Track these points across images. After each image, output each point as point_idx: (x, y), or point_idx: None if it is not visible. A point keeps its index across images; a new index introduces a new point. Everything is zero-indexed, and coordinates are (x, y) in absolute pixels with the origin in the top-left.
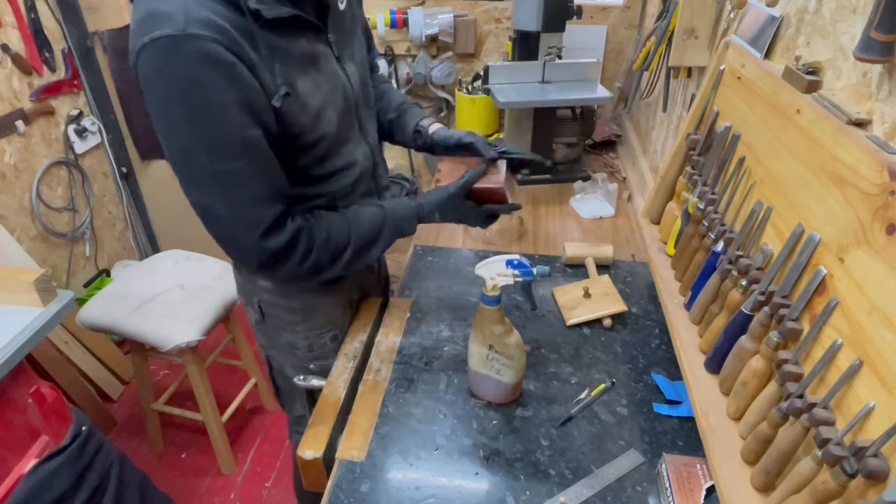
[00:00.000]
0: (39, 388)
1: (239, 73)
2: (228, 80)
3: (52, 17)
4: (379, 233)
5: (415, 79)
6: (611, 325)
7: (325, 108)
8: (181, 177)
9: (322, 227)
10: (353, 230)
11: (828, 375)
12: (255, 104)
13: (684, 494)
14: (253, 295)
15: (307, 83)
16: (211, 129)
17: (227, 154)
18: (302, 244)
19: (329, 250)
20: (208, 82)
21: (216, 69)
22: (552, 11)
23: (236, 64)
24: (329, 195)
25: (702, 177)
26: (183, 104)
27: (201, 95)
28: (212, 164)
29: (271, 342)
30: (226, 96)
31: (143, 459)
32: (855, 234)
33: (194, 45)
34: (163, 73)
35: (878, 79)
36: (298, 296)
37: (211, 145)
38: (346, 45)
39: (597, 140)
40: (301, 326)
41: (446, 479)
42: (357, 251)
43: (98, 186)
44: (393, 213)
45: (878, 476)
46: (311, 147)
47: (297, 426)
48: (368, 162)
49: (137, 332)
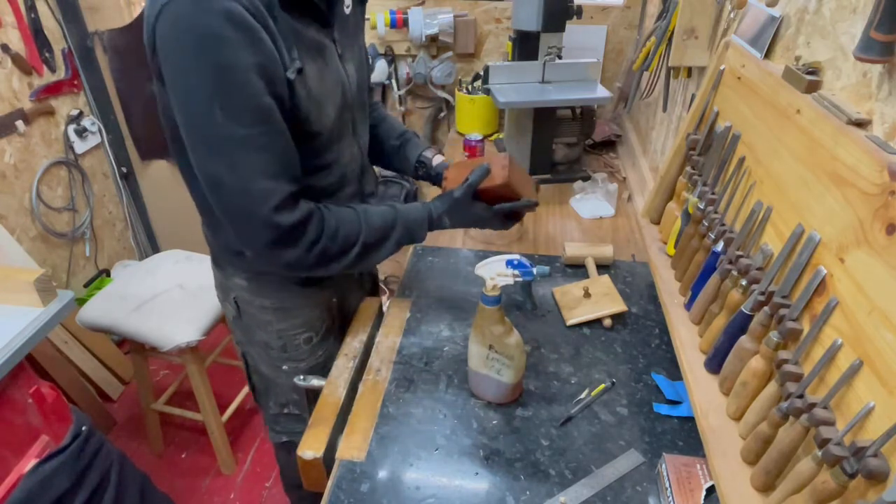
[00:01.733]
0: (39, 388)
1: (260, 38)
2: (249, 43)
3: (52, 17)
4: (390, 231)
5: (415, 79)
6: (611, 325)
7: (326, 102)
8: (195, 141)
9: (333, 217)
10: (364, 225)
11: (828, 375)
12: (273, 73)
13: (684, 494)
14: (229, 291)
15: (314, 71)
16: (229, 87)
17: (243, 117)
18: (313, 228)
19: (339, 241)
20: (231, 40)
21: (239, 29)
22: (552, 11)
23: (258, 29)
24: (317, 190)
25: (702, 177)
26: (204, 59)
27: (223, 52)
28: (226, 127)
29: (247, 338)
30: (246, 58)
31: (143, 459)
32: (855, 234)
33: (220, 3)
34: (186, 27)
35: (878, 79)
36: (273, 295)
37: (227, 105)
38: (349, 47)
39: (597, 140)
40: (275, 326)
41: (446, 479)
42: (366, 248)
43: (98, 186)
44: (405, 214)
45: (878, 476)
46: (310, 138)
47: (275, 424)
48: (356, 164)
49: (137, 332)
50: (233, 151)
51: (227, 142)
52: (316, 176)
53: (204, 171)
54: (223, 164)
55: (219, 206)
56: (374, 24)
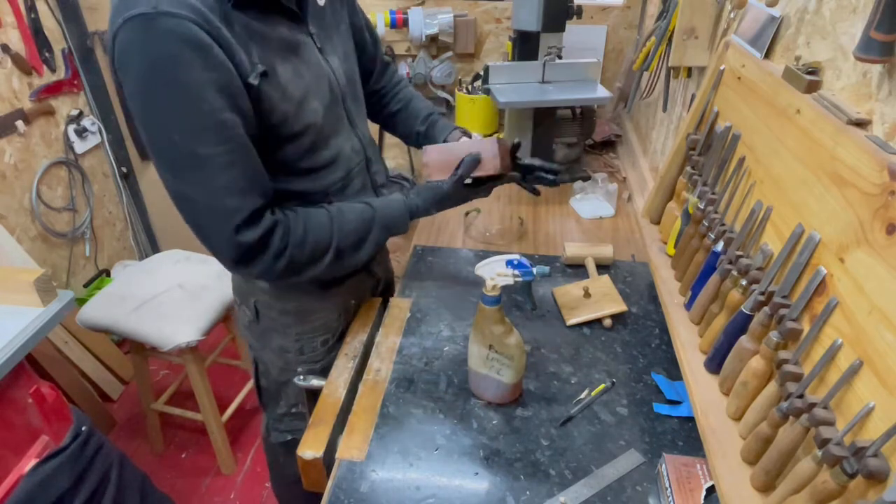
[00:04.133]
0: (39, 388)
1: (214, 54)
2: (203, 61)
3: (52, 17)
4: (367, 233)
5: (415, 79)
6: (611, 325)
7: (309, 98)
8: (158, 162)
9: (300, 225)
10: (336, 229)
11: (828, 375)
12: (230, 87)
13: (684, 494)
14: (250, 295)
15: (288, 70)
16: (186, 107)
17: (203, 137)
18: (277, 239)
19: (307, 249)
20: (183, 59)
21: (190, 48)
22: (552, 11)
23: (211, 45)
24: (322, 191)
25: (702, 177)
26: (158, 82)
27: (176, 73)
28: (187, 147)
29: (262, 343)
30: (200, 76)
31: (143, 459)
32: (855, 234)
33: (168, 23)
34: (138, 51)
35: (878, 79)
36: (295, 299)
37: (186, 126)
38: (328, 39)
39: (597, 140)
40: (294, 329)
41: (446, 479)
42: (340, 252)
43: (98, 186)
44: (382, 211)
45: (878, 476)
46: (296, 137)
47: (278, 423)
48: (359, 157)
49: (137, 332)
50: (196, 171)
51: (189, 161)
52: (320, 175)
53: (170, 189)
54: (187, 183)
55: (187, 222)
56: (375, 24)
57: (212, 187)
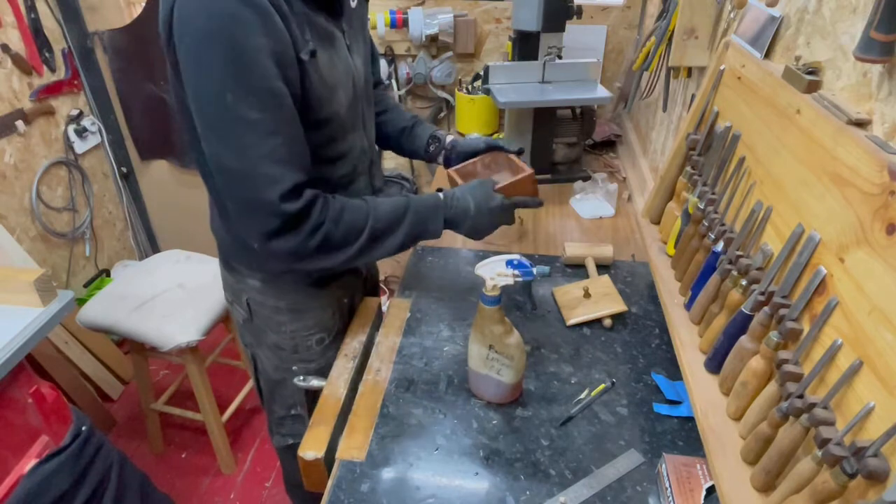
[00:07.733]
0: (39, 388)
1: (274, 21)
2: (263, 25)
3: (52, 17)
4: (401, 219)
5: (415, 79)
6: (611, 325)
7: (338, 89)
8: (205, 124)
9: (338, 202)
10: (371, 212)
11: (828, 375)
12: (284, 57)
13: (684, 494)
14: (242, 293)
15: (325, 57)
16: (241, 69)
17: (253, 101)
18: (316, 212)
19: (342, 227)
20: (245, 21)
21: (254, 11)
22: (552, 11)
23: (272, 12)
24: (331, 180)
25: (702, 177)
26: (217, 40)
27: (236, 34)
28: (237, 109)
29: (258, 341)
30: (258, 40)
31: (143, 459)
32: (855, 234)
33: None
34: (202, 7)
35: (878, 79)
36: (287, 295)
37: (238, 87)
38: (355, 40)
39: (597, 140)
40: (288, 327)
41: (446, 480)
42: (374, 235)
43: (98, 186)
44: (416, 200)
45: (878, 476)
46: (321, 125)
47: (280, 427)
48: (366, 157)
49: (137, 332)
50: (242, 135)
51: (237, 125)
52: (331, 166)
53: (213, 154)
54: (232, 147)
55: (226, 190)
56: (374, 24)
57: (255, 154)
